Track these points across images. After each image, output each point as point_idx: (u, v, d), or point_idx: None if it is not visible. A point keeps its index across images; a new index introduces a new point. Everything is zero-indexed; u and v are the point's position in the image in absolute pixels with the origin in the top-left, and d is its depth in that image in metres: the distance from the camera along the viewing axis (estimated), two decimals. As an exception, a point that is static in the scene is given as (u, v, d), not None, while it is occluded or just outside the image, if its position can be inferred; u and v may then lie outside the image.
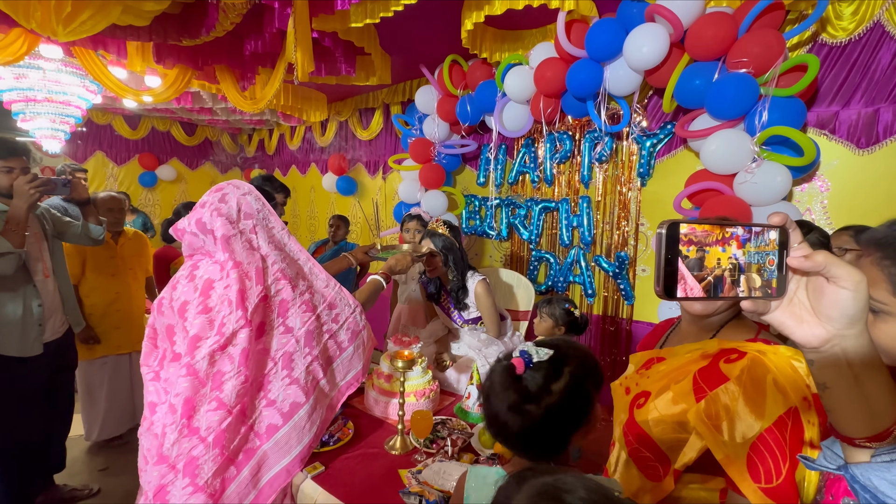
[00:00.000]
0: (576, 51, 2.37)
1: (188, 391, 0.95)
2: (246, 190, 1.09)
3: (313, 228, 5.20)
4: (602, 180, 2.83)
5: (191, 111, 4.30)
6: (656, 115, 2.59)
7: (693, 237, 0.37)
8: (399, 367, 1.41)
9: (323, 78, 2.99)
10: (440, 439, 1.43)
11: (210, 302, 1.01)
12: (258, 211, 1.08)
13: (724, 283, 0.41)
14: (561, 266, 3.01)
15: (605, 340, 2.92)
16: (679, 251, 0.37)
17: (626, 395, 1.03)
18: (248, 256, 1.03)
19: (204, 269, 1.04)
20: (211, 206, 1.03)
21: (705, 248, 0.38)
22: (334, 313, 1.17)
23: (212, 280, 1.02)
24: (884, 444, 0.43)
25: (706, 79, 2.06)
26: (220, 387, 0.97)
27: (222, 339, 0.97)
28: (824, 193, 2.14)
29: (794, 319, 0.43)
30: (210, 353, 0.96)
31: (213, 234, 1.02)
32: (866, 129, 1.99)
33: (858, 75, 1.99)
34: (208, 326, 0.98)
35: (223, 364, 0.98)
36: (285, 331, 1.06)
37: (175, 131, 5.42)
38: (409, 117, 3.64)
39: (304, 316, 1.08)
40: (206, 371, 0.96)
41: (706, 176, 2.19)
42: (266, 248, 1.06)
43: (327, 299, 1.15)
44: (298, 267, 1.12)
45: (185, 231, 1.06)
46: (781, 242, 0.40)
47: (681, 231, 0.37)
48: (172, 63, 2.79)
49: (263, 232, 1.06)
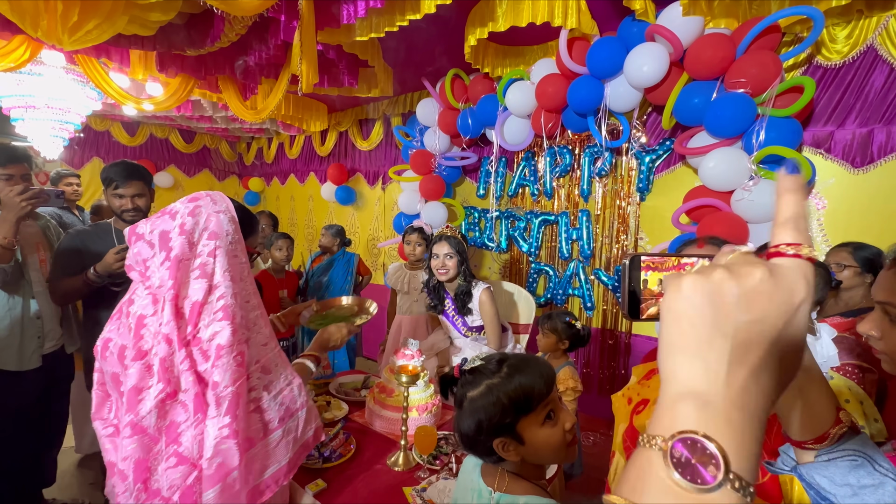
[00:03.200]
0: (577, 67, 2.41)
1: (138, 452, 0.79)
2: (222, 207, 0.91)
3: (311, 238, 5.18)
4: (601, 194, 2.86)
5: (190, 119, 4.29)
6: (655, 131, 2.63)
7: (651, 264, 0.43)
8: (403, 382, 1.40)
9: (325, 89, 3.01)
10: (444, 455, 1.41)
11: (144, 344, 0.82)
12: (227, 233, 0.88)
13: None
14: (560, 279, 3.02)
15: (604, 353, 2.92)
16: (639, 278, 0.43)
17: (627, 405, 1.04)
18: (193, 286, 0.83)
19: (137, 303, 0.85)
20: (179, 219, 0.86)
21: (663, 273, 0.43)
22: (267, 380, 0.91)
23: (143, 316, 0.83)
24: (824, 446, 0.48)
25: (705, 97, 2.10)
26: (178, 439, 0.80)
27: (168, 385, 0.80)
28: (821, 211, 2.17)
29: None
30: (158, 404, 0.79)
31: (168, 251, 0.83)
32: (861, 149, 2.04)
33: (853, 97, 2.04)
34: (147, 373, 0.81)
35: (176, 413, 0.81)
36: (211, 385, 0.81)
37: (173, 138, 5.40)
38: (409, 129, 3.66)
39: (236, 373, 0.82)
40: (157, 425, 0.80)
41: (704, 192, 2.23)
42: (220, 276, 0.85)
43: (262, 361, 0.91)
44: (246, 310, 0.90)
45: (142, 237, 0.86)
46: None
47: (642, 262, 0.43)
48: (175, 72, 2.79)
49: (224, 258, 0.86)
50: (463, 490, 0.91)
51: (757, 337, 0.28)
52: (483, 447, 0.82)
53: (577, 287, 2.95)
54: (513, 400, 0.79)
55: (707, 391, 0.28)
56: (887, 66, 1.95)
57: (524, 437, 0.80)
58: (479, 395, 0.82)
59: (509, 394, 0.79)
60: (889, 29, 1.93)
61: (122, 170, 1.73)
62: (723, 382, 0.28)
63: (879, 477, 0.47)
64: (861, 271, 1.60)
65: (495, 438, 0.80)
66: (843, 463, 0.47)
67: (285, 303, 2.68)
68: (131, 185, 1.74)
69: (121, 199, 1.73)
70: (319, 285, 3.02)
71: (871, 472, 0.47)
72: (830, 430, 0.48)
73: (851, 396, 1.06)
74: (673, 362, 0.30)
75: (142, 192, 1.78)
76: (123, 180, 1.72)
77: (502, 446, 0.80)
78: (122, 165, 1.75)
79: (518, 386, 0.79)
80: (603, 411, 2.92)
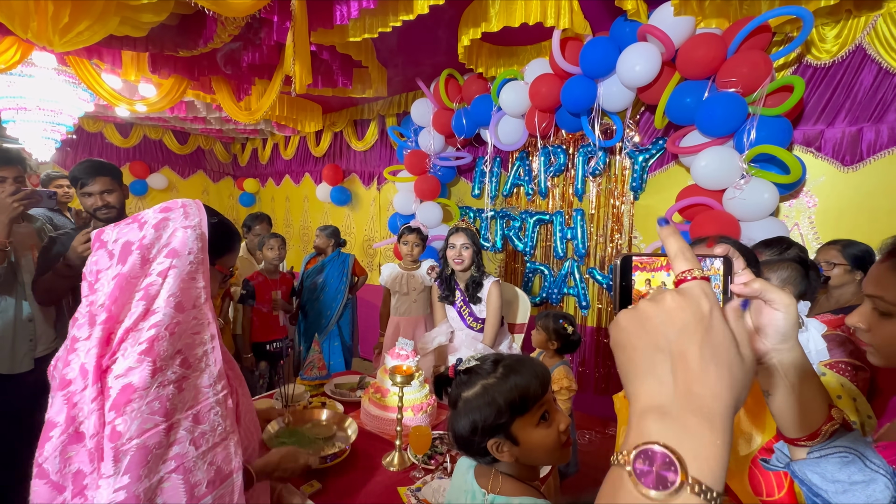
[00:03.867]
0: (570, 67, 2.42)
1: (41, 497, 0.68)
2: (193, 222, 0.79)
3: (306, 239, 5.17)
4: (595, 193, 2.87)
5: (184, 120, 4.26)
6: (648, 130, 2.64)
7: (639, 264, 0.44)
8: (397, 382, 1.40)
9: (319, 90, 3.00)
10: (439, 455, 1.42)
11: (70, 372, 0.70)
12: (189, 252, 0.76)
13: None
14: (555, 278, 3.03)
15: (599, 352, 2.93)
16: (631, 278, 0.43)
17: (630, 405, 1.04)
18: (131, 309, 0.72)
19: (77, 323, 0.75)
20: (143, 231, 0.76)
21: (652, 274, 0.44)
22: (199, 431, 0.74)
23: (76, 339, 0.73)
24: (815, 443, 0.49)
25: (696, 97, 2.12)
26: (83, 492, 0.67)
27: (71, 426, 0.68)
28: (811, 209, 2.19)
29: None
30: (59, 448, 0.68)
31: (123, 265, 0.73)
32: (850, 148, 2.06)
33: (842, 96, 2.06)
34: (63, 407, 0.69)
35: (81, 461, 0.68)
36: (110, 435, 0.66)
37: (167, 140, 5.37)
38: (404, 129, 3.66)
39: (148, 421, 0.67)
40: (59, 471, 0.68)
41: (696, 191, 2.24)
42: (161, 301, 0.72)
43: (196, 408, 0.75)
44: (191, 344, 0.76)
45: (105, 245, 0.75)
46: (726, 270, 0.46)
47: (633, 261, 0.44)
48: (168, 73, 2.78)
49: (175, 281, 0.73)
50: (456, 491, 0.91)
51: (687, 344, 0.32)
52: (477, 448, 0.82)
53: (573, 286, 2.97)
54: (508, 400, 0.78)
55: (663, 403, 0.31)
56: (875, 66, 1.97)
57: (518, 437, 0.79)
58: (473, 395, 0.82)
59: (504, 394, 0.79)
60: (877, 28, 1.95)
61: (86, 167, 1.69)
62: (672, 391, 0.31)
63: (870, 473, 0.47)
64: (851, 269, 1.62)
65: (490, 439, 0.80)
66: (834, 459, 0.48)
67: (278, 304, 2.67)
68: (97, 182, 1.68)
69: (90, 198, 1.68)
70: (315, 286, 3.02)
71: (861, 468, 0.48)
72: (822, 427, 0.49)
73: (844, 393, 1.07)
74: (632, 385, 0.34)
75: (110, 188, 1.71)
76: (89, 177, 1.67)
77: (496, 447, 0.80)
78: (86, 163, 1.70)
79: (513, 386, 0.79)
80: (599, 410, 2.94)
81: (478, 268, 2.14)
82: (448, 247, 2.14)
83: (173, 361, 0.73)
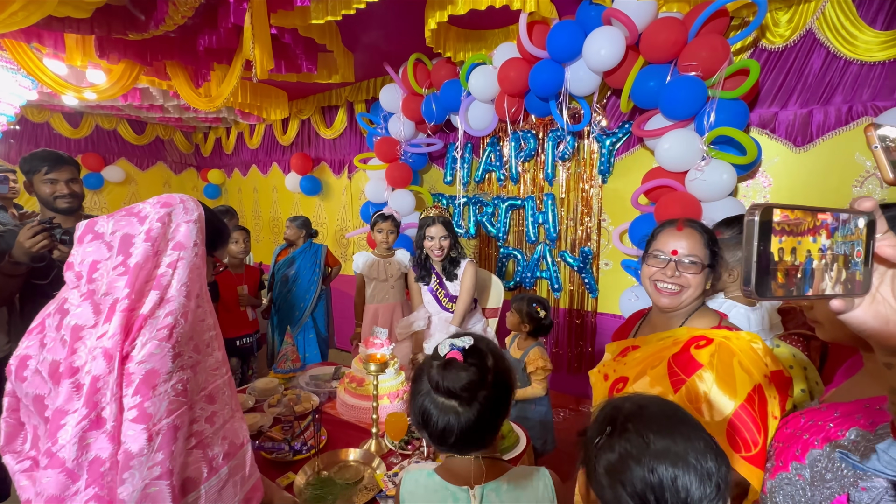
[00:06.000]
0: (538, 51, 2.42)
1: (52, 488, 0.67)
2: (194, 216, 0.84)
3: (276, 231, 5.04)
4: (565, 178, 2.91)
5: (139, 108, 4.04)
6: (615, 114, 2.68)
7: (786, 225, 0.34)
8: (372, 371, 1.40)
9: (283, 75, 2.90)
10: (415, 440, 1.43)
11: (76, 359, 0.70)
12: (194, 244, 0.81)
13: (814, 277, 0.37)
14: (528, 262, 3.07)
15: (571, 332, 3.01)
16: (771, 242, 0.33)
17: (604, 381, 1.08)
18: (146, 299, 0.74)
19: (73, 312, 0.74)
20: (147, 224, 0.78)
21: (798, 239, 0.34)
22: (211, 410, 0.80)
23: (81, 327, 0.72)
24: None
25: (659, 80, 2.16)
26: (100, 481, 0.67)
27: (94, 411, 0.68)
28: (767, 189, 2.30)
29: (878, 320, 0.39)
30: (79, 434, 0.67)
31: (127, 256, 0.75)
32: (802, 129, 2.16)
33: (794, 79, 2.14)
34: (74, 394, 0.69)
35: (100, 448, 0.68)
36: (138, 417, 0.69)
37: (122, 129, 5.08)
38: (374, 116, 3.59)
39: (174, 403, 0.72)
40: (77, 458, 0.68)
41: (660, 173, 2.30)
42: (175, 290, 0.76)
43: (209, 388, 0.81)
44: (200, 331, 0.81)
45: (101, 237, 0.76)
46: (868, 232, 0.37)
47: (774, 218, 0.34)
48: (118, 58, 2.62)
49: (184, 272, 0.78)
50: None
51: None
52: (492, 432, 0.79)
53: (545, 270, 3.02)
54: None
55: None
56: (824, 50, 2.05)
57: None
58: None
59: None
60: (825, 14, 2.03)
61: (50, 154, 1.62)
62: None
63: None
64: None
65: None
66: None
67: (244, 299, 2.59)
68: (65, 170, 1.62)
69: (53, 185, 1.60)
70: (286, 279, 2.96)
71: None
72: None
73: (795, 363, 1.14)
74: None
75: (75, 178, 1.66)
76: (55, 164, 1.60)
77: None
78: (48, 151, 1.64)
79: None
80: (572, 388, 3.03)
81: (455, 249, 2.17)
82: (426, 238, 2.13)
83: (188, 347, 0.77)
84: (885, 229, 0.39)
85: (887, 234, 0.39)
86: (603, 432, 0.61)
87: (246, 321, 2.64)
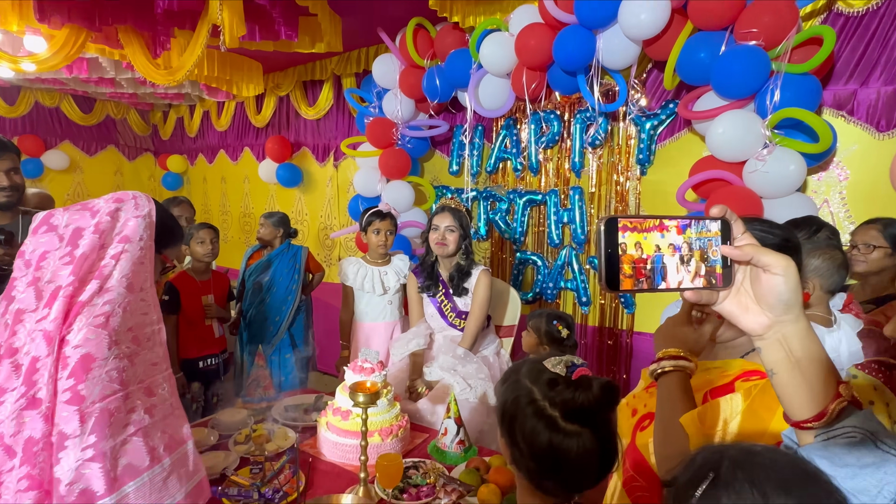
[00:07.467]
0: (564, 16, 2.40)
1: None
2: (144, 212, 1.00)
3: (248, 229, 5.06)
4: (596, 168, 2.89)
5: (87, 82, 4.09)
6: (657, 92, 2.67)
7: (629, 224, 0.45)
8: (360, 402, 1.37)
9: (257, 43, 2.91)
10: (412, 487, 1.41)
11: (16, 341, 0.88)
12: (140, 239, 0.97)
13: (665, 271, 0.50)
14: (550, 270, 3.06)
15: (602, 355, 2.98)
16: (618, 243, 0.44)
17: (632, 416, 1.05)
18: (87, 287, 0.90)
19: (18, 298, 0.91)
20: (97, 218, 0.95)
21: (644, 235, 0.46)
22: (150, 402, 0.96)
23: (23, 311, 0.89)
24: (822, 424, 0.52)
25: (712, 51, 2.14)
26: (32, 459, 0.82)
27: (30, 389, 0.83)
28: (843, 182, 2.26)
29: (740, 308, 0.54)
30: (16, 412, 0.83)
31: (74, 247, 0.92)
32: (886, 110, 2.12)
33: (877, 50, 2.11)
34: (13, 374, 0.86)
35: (33, 428, 0.83)
36: (72, 399, 0.84)
37: (66, 107, 5.14)
38: (365, 92, 3.60)
39: (108, 388, 0.87)
40: (13, 436, 0.83)
41: (713, 163, 2.27)
42: (115, 281, 0.92)
43: (146, 382, 0.97)
44: (141, 323, 0.98)
45: (55, 229, 0.94)
46: (724, 235, 0.49)
47: (619, 224, 0.45)
48: (61, 22, 2.63)
49: (128, 264, 0.94)
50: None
51: None
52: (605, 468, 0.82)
53: (570, 279, 2.99)
54: None
55: None
56: (915, 14, 2.02)
57: None
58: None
59: None
60: (917, -30, 2.00)
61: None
62: None
63: (881, 454, 0.49)
64: (892, 252, 1.67)
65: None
66: (842, 441, 0.51)
67: (211, 310, 2.58)
68: (5, 159, 1.65)
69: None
70: (259, 287, 2.95)
71: (872, 449, 0.50)
72: (829, 406, 0.51)
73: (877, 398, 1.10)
74: None
75: (16, 167, 1.70)
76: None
77: None
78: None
79: None
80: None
81: (466, 255, 2.18)
82: (431, 228, 2.17)
83: (126, 337, 0.93)
84: (742, 230, 0.52)
85: (745, 235, 0.52)
86: (702, 480, 0.59)
87: (211, 338, 2.64)
